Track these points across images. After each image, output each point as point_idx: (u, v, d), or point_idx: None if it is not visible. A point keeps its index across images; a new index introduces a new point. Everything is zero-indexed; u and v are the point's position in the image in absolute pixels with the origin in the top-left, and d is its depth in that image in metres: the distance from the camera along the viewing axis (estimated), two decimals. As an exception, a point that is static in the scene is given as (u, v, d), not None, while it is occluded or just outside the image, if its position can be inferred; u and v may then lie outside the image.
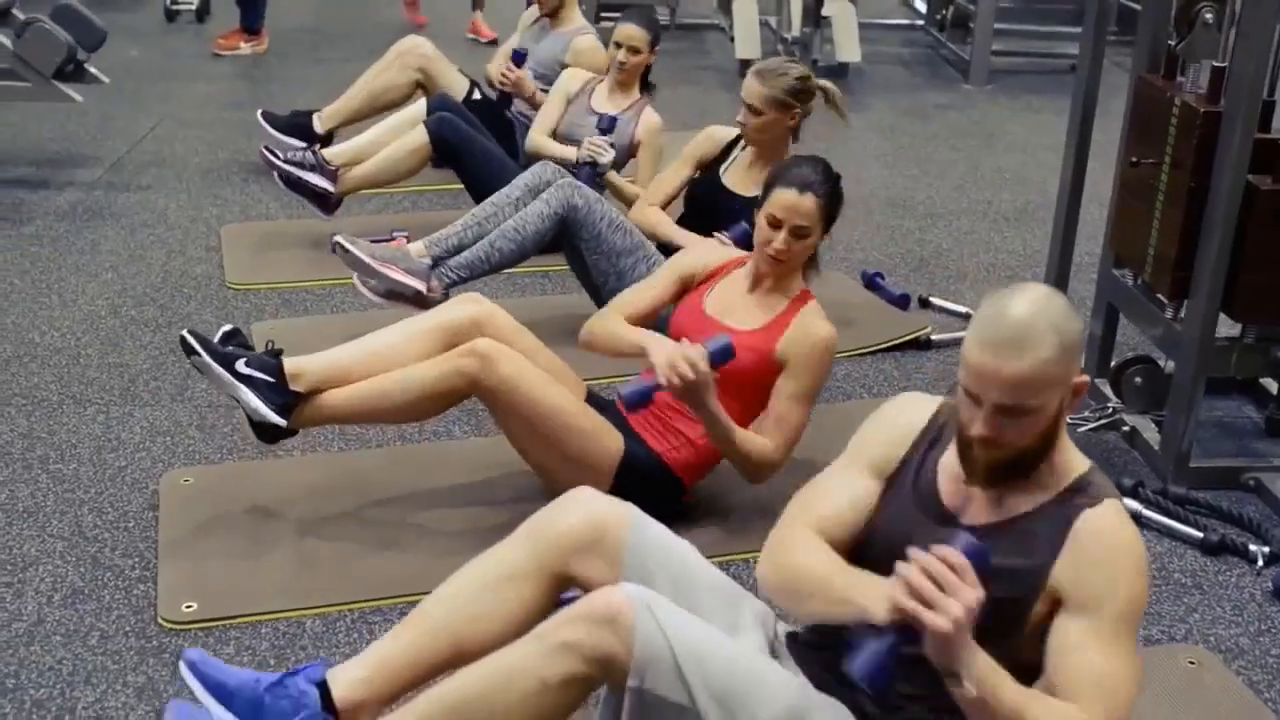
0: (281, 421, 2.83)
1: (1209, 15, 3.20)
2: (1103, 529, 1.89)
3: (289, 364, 2.85)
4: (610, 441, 2.91)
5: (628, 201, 4.19)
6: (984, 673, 1.74)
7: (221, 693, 2.09)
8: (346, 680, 2.08)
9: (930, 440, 2.03)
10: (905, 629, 1.72)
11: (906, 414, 2.07)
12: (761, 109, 3.64)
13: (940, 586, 1.70)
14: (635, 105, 4.41)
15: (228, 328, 2.94)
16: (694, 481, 3.03)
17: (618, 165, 4.30)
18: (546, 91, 4.71)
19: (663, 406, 2.95)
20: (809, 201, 2.87)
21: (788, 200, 2.87)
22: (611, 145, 4.23)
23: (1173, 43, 3.36)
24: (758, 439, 2.89)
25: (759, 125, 3.67)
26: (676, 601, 1.98)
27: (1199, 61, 3.30)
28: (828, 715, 1.96)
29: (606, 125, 4.29)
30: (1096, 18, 3.66)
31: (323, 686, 2.07)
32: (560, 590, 2.14)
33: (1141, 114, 3.43)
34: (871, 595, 1.78)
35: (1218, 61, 3.18)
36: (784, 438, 2.91)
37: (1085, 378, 1.90)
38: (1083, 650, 1.83)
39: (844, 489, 2.04)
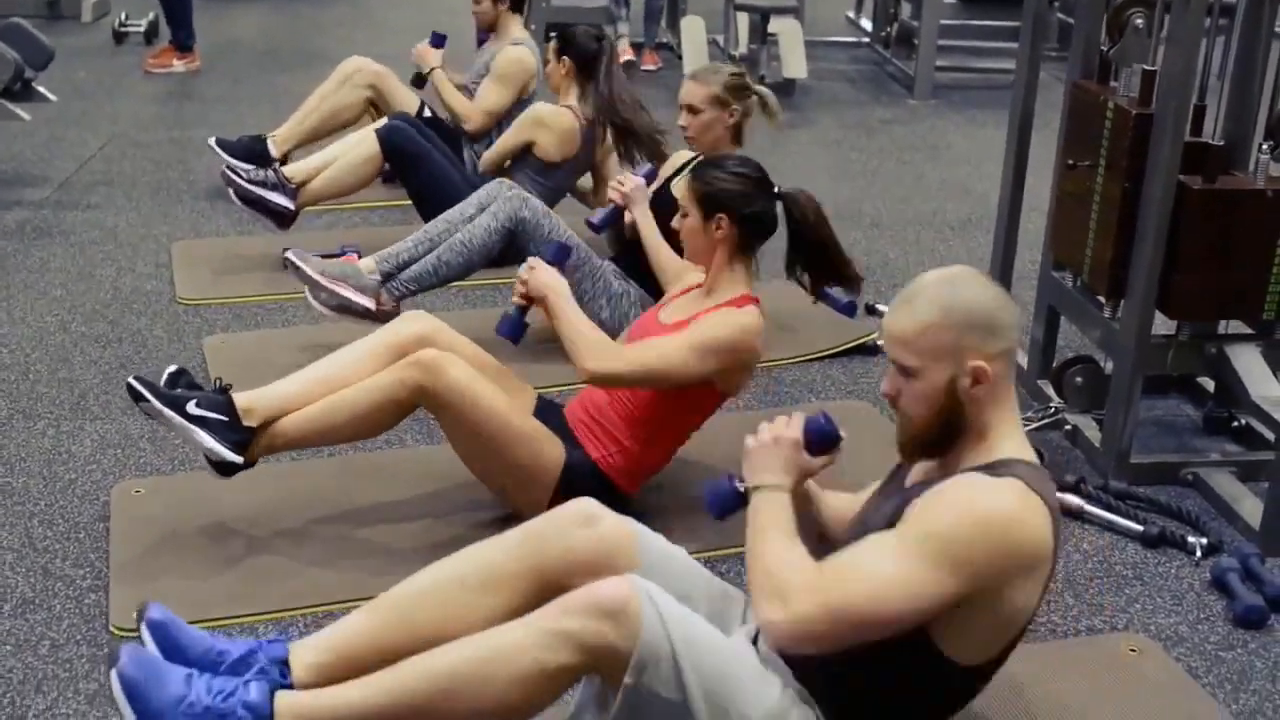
0: (239, 459, 2.81)
1: (1139, 21, 3.29)
2: (966, 482, 1.88)
3: (240, 399, 2.83)
4: (553, 450, 2.91)
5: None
6: (764, 500, 2.04)
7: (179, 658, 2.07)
8: (304, 665, 2.08)
9: None
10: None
11: None
12: (700, 107, 3.73)
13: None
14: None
15: (172, 369, 2.90)
16: (634, 489, 3.03)
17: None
18: (462, 86, 4.96)
19: (600, 410, 2.98)
20: (684, 181, 2.99)
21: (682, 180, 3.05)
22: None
23: (1105, 48, 3.44)
24: (604, 342, 2.87)
25: (699, 125, 3.75)
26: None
27: (1131, 66, 3.38)
28: (809, 714, 2.00)
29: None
30: (1032, 31, 3.75)
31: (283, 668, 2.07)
32: (547, 599, 2.01)
33: (1077, 118, 3.50)
34: None
35: (1148, 65, 3.26)
36: (636, 359, 2.88)
37: (984, 364, 1.91)
38: (859, 545, 1.91)
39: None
